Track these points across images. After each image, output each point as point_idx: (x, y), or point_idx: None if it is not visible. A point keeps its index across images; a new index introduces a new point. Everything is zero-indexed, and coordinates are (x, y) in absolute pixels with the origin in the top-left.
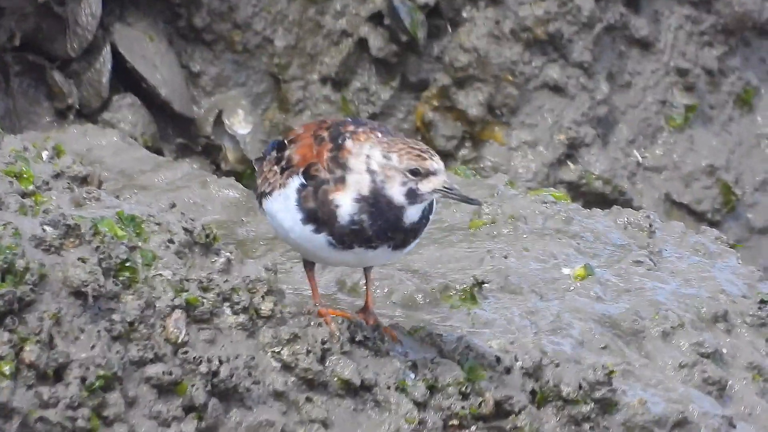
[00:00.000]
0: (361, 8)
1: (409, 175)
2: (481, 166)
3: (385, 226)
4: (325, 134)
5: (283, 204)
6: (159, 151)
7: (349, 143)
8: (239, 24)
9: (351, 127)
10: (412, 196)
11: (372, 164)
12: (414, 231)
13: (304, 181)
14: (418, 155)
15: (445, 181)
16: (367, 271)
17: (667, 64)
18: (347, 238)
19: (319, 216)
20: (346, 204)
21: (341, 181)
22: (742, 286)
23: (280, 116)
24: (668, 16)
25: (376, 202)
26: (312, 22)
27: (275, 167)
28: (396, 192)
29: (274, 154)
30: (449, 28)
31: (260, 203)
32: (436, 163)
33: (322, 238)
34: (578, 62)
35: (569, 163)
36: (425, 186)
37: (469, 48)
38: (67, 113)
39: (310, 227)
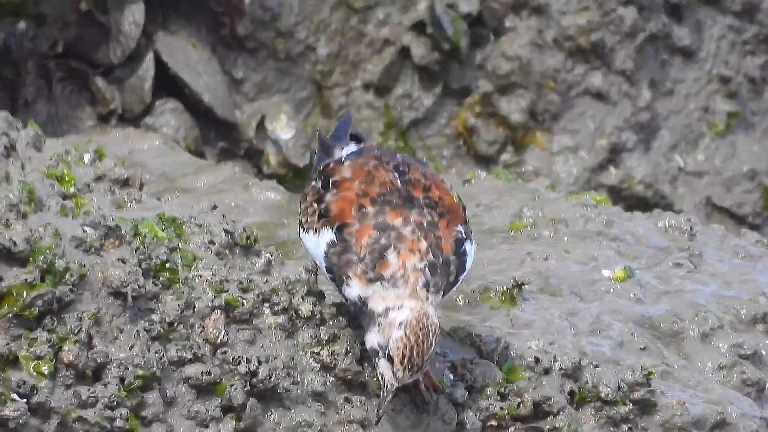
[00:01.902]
0: (404, 17)
1: (384, 353)
2: (523, 170)
3: None
4: (369, 209)
5: (315, 248)
6: (201, 155)
7: (391, 259)
8: (282, 32)
9: (398, 221)
10: (373, 353)
11: (386, 316)
12: None
13: (335, 239)
14: (403, 357)
15: (390, 384)
16: None
17: (710, 72)
18: (351, 307)
19: (335, 273)
20: (355, 288)
21: (364, 273)
22: None
23: (323, 121)
24: (711, 26)
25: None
26: (354, 30)
27: (315, 205)
28: (373, 335)
29: (317, 185)
30: (492, 36)
31: (300, 228)
32: (402, 374)
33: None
34: (621, 70)
35: (611, 167)
36: (382, 365)
37: (511, 56)
38: (110, 118)
39: (329, 275)
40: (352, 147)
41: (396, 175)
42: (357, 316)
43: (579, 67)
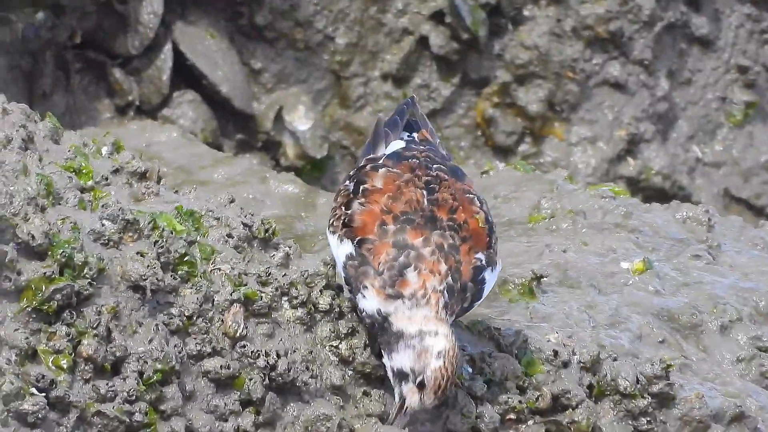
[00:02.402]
0: (423, 7)
1: (414, 378)
2: (541, 161)
3: None
4: (390, 227)
5: (336, 254)
6: (219, 147)
7: (411, 278)
8: (301, 22)
9: (418, 240)
10: (398, 377)
11: (422, 341)
12: None
13: (354, 252)
14: (438, 387)
15: (411, 405)
16: None
17: (728, 61)
18: (367, 320)
19: (351, 285)
20: (371, 302)
21: (382, 287)
22: None
23: (341, 112)
24: (729, 14)
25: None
26: (373, 20)
27: (342, 209)
28: (402, 356)
29: (350, 186)
30: (510, 26)
31: (328, 227)
32: (429, 400)
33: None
34: (639, 60)
35: (629, 158)
36: (406, 389)
37: (530, 46)
38: (127, 110)
39: (347, 287)
40: (400, 142)
41: (424, 192)
42: (374, 331)
43: (597, 56)
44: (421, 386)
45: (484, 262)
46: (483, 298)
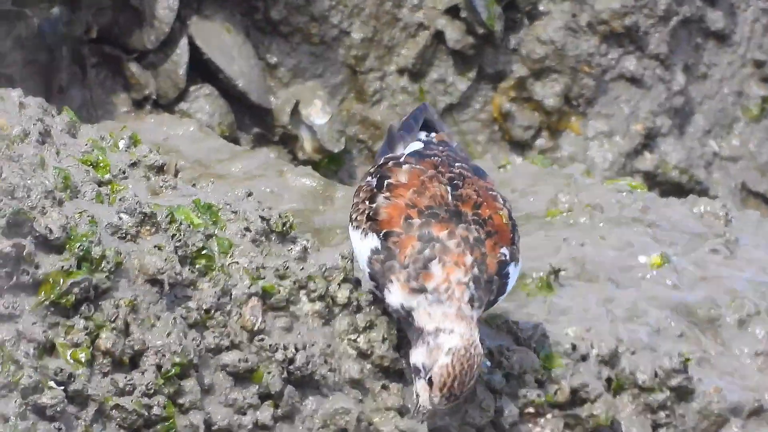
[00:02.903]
0: (438, 1)
1: (424, 372)
2: (558, 155)
3: None
4: (415, 221)
5: (360, 249)
6: (236, 141)
7: (435, 271)
8: (316, 17)
9: (443, 233)
10: (415, 369)
11: (436, 337)
12: None
13: (380, 246)
14: (443, 384)
15: (424, 405)
16: None
17: (744, 56)
18: (394, 315)
19: (377, 280)
20: (396, 296)
21: (406, 281)
22: None
23: (358, 106)
24: (744, 9)
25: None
26: (388, 15)
27: (366, 203)
28: (420, 350)
29: (372, 182)
30: (526, 20)
31: (350, 223)
32: (438, 400)
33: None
34: (655, 54)
35: (646, 153)
36: (419, 385)
37: (545, 40)
38: (144, 104)
39: (372, 284)
40: (418, 143)
41: (449, 188)
42: (402, 326)
43: (613, 51)
44: (429, 383)
45: (508, 257)
46: (507, 294)
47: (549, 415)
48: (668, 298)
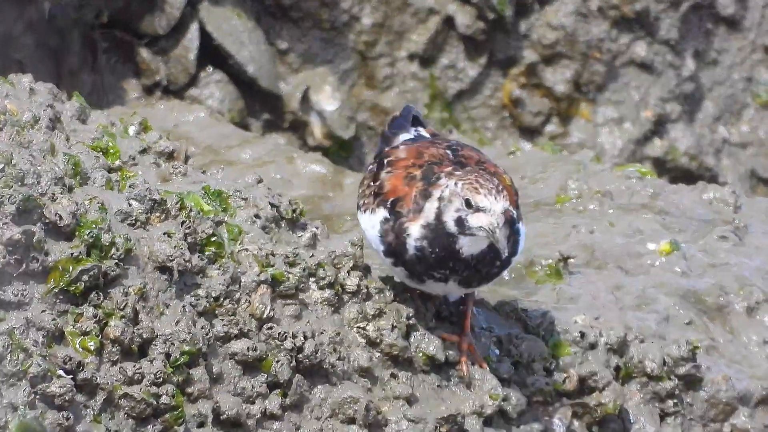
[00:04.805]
0: None
1: (463, 205)
2: (568, 142)
3: (442, 253)
4: (417, 173)
5: (371, 228)
6: (246, 127)
7: (443, 180)
8: (326, 2)
9: (448, 168)
10: (461, 225)
11: (445, 192)
12: (479, 269)
13: (388, 214)
14: (477, 189)
15: (492, 223)
16: (467, 297)
17: (753, 41)
18: (416, 268)
19: (394, 248)
20: (414, 232)
21: (418, 210)
22: None
23: (368, 93)
24: None
25: (435, 228)
26: (399, 0)
27: (371, 184)
28: (449, 217)
29: (373, 168)
30: (536, 6)
31: (358, 210)
32: (489, 202)
33: (401, 271)
34: (665, 40)
35: (655, 139)
36: (474, 220)
37: (556, 26)
38: (154, 89)
39: (390, 260)
40: (410, 135)
41: (449, 152)
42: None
43: (623, 36)
44: (468, 204)
45: (515, 215)
46: (519, 254)
47: (557, 404)
48: (677, 285)
